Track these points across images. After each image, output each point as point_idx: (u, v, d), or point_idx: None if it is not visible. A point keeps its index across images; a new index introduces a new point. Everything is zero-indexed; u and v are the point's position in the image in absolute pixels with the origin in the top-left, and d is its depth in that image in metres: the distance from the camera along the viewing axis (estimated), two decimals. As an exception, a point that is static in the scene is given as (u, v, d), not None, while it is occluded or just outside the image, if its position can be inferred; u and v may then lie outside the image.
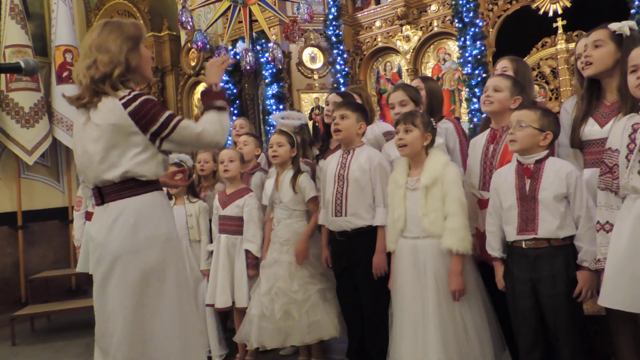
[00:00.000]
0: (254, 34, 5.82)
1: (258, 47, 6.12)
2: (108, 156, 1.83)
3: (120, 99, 1.82)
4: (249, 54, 5.45)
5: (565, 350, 2.01)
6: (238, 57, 5.92)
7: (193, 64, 6.74)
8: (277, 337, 2.86)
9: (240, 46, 5.96)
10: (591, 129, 2.18)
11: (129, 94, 1.84)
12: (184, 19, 5.27)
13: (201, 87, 7.47)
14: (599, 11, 4.22)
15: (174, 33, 6.92)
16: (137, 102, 1.82)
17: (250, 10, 5.48)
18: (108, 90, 1.83)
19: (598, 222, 1.93)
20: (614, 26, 2.15)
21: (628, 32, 2.12)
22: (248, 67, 5.53)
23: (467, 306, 2.30)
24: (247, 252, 3.23)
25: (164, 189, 2.11)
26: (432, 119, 2.48)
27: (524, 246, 2.09)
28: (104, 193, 1.88)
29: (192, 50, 6.58)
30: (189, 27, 5.43)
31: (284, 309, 2.85)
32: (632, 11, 4.93)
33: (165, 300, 1.84)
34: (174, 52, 6.96)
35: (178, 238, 2.02)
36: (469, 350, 2.25)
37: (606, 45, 2.14)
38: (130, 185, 1.86)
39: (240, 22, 5.83)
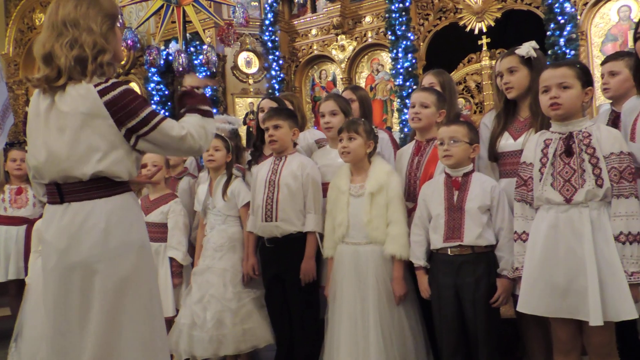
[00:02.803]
0: (187, 35, 5.69)
1: (192, 49, 5.99)
2: (76, 150, 1.59)
3: (96, 86, 1.59)
4: (182, 55, 5.32)
5: (483, 351, 2.11)
6: (170, 57, 5.76)
7: (122, 62, 6.48)
8: (209, 347, 2.77)
9: (173, 47, 5.80)
10: (506, 142, 2.32)
11: (106, 81, 1.61)
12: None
13: (133, 85, 7.21)
14: (520, 31, 4.51)
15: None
16: (116, 92, 1.59)
17: (184, 11, 5.35)
18: (86, 74, 1.59)
19: (515, 232, 2.04)
20: (521, 52, 2.29)
21: (534, 54, 2.27)
22: (181, 69, 5.39)
23: (405, 310, 2.36)
24: (172, 259, 3.13)
25: None
26: (374, 127, 2.53)
27: (449, 253, 2.18)
28: (65, 191, 1.63)
29: (122, 48, 6.33)
30: (118, 24, 5.22)
31: (216, 317, 2.78)
32: (548, 33, 5.31)
33: (136, 314, 1.63)
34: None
35: (149, 244, 1.82)
36: (407, 354, 2.31)
37: (520, 70, 2.28)
38: (100, 185, 1.63)
39: (174, 22, 5.69)
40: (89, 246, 1.59)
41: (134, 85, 7.10)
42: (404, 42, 5.98)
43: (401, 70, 5.97)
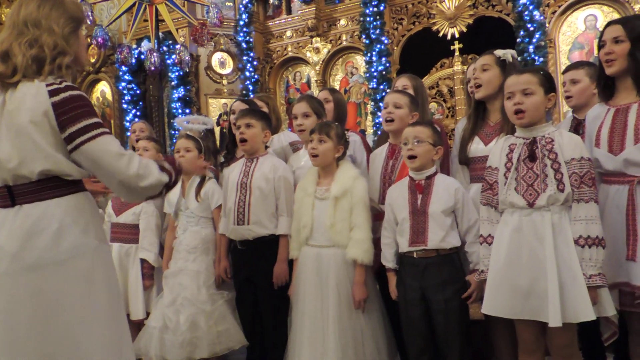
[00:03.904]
0: (160, 34, 5.62)
1: (165, 48, 5.91)
2: (22, 149, 1.54)
3: (48, 85, 1.55)
4: (154, 54, 5.25)
5: (453, 352, 2.14)
6: (142, 56, 5.68)
7: (93, 60, 6.36)
8: (182, 350, 2.73)
9: (145, 46, 5.73)
10: (477, 147, 2.36)
11: (60, 82, 1.57)
12: (89, 13, 4.95)
13: (102, 85, 7.07)
14: (491, 37, 4.60)
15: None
16: (66, 94, 1.55)
17: (156, 10, 5.29)
18: (42, 74, 1.56)
19: (481, 235, 2.08)
20: (499, 52, 2.35)
21: (510, 59, 2.33)
22: (153, 68, 5.32)
23: (366, 314, 2.37)
24: (143, 261, 3.09)
25: None
26: (345, 132, 2.54)
27: (415, 256, 2.20)
28: (16, 193, 1.56)
29: (92, 46, 6.21)
30: (88, 22, 5.12)
31: (190, 320, 2.75)
32: (518, 40, 5.43)
33: (94, 318, 1.58)
34: (71, 47, 6.51)
35: (108, 245, 1.77)
36: (366, 357, 2.32)
37: (492, 69, 2.33)
38: (51, 185, 1.57)
39: (146, 20, 5.61)
40: (41, 249, 1.54)
41: (104, 84, 6.97)
42: (378, 46, 6.03)
43: (375, 74, 6.02)
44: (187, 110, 5.91)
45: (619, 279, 1.93)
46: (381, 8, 6.13)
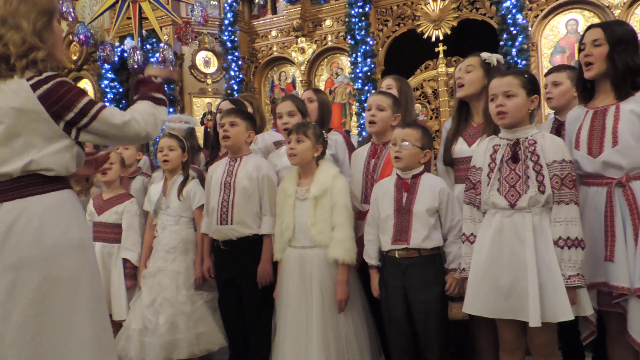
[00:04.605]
0: (143, 32, 5.56)
1: (148, 46, 5.86)
2: (7, 146, 1.52)
3: (28, 80, 1.53)
4: (138, 52, 5.20)
5: (433, 353, 2.15)
6: (125, 54, 5.61)
7: (75, 57, 6.27)
8: (162, 352, 2.71)
9: (128, 43, 5.67)
10: (461, 148, 2.38)
11: (40, 74, 1.55)
12: (64, 9, 4.89)
13: (84, 83, 6.98)
14: (474, 40, 4.66)
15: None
16: (49, 85, 1.53)
17: (140, 7, 5.23)
18: (15, 70, 1.53)
19: (463, 233, 2.09)
20: (484, 55, 2.38)
21: (495, 63, 2.36)
22: (136, 66, 5.26)
23: (349, 314, 2.37)
24: (125, 261, 3.05)
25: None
26: (323, 131, 2.54)
27: (397, 256, 2.21)
28: None
29: (74, 43, 6.13)
30: (70, 18, 5.05)
31: (170, 321, 2.72)
32: (501, 43, 5.49)
33: (77, 318, 1.54)
34: (52, 44, 6.41)
35: (92, 244, 1.75)
36: (349, 357, 2.32)
37: (476, 70, 2.36)
38: (32, 182, 1.55)
39: (129, 18, 5.55)
40: (21, 247, 1.52)
41: (87, 82, 6.87)
42: (363, 47, 6.05)
43: (360, 75, 6.04)
44: (171, 109, 5.85)
45: (597, 279, 1.96)
46: (366, 9, 6.15)
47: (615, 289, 1.92)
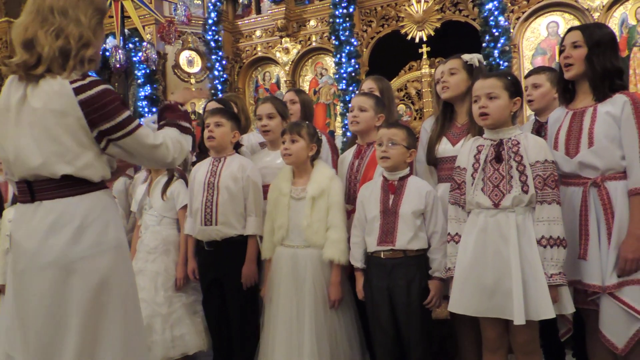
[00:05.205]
0: (126, 30, 5.50)
1: (130, 45, 5.79)
2: (45, 149, 1.51)
3: (72, 82, 1.50)
4: (120, 51, 5.14)
5: (415, 352, 2.16)
6: (107, 53, 5.54)
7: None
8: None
9: (110, 42, 5.60)
10: (445, 147, 2.40)
11: (84, 78, 1.53)
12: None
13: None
14: (457, 41, 4.69)
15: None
16: (93, 91, 1.51)
17: (122, 6, 5.18)
18: (66, 69, 1.51)
19: (449, 233, 2.11)
20: (466, 57, 2.40)
21: (477, 64, 2.38)
22: (118, 66, 5.20)
23: (340, 314, 2.38)
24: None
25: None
26: (318, 131, 2.54)
27: (382, 256, 2.22)
28: (36, 189, 1.55)
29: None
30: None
31: (146, 322, 2.69)
32: (484, 44, 5.55)
33: (114, 317, 1.56)
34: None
35: (127, 245, 1.73)
36: (340, 356, 2.33)
37: (459, 73, 2.38)
38: (73, 183, 1.55)
39: (112, 17, 5.49)
40: (60, 246, 1.51)
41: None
42: (348, 48, 6.07)
43: (344, 75, 6.06)
44: (154, 109, 5.80)
45: (573, 277, 2.00)
46: (351, 10, 6.16)
47: (588, 287, 1.96)
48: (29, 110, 1.53)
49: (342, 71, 6.06)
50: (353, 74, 6.04)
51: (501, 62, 5.47)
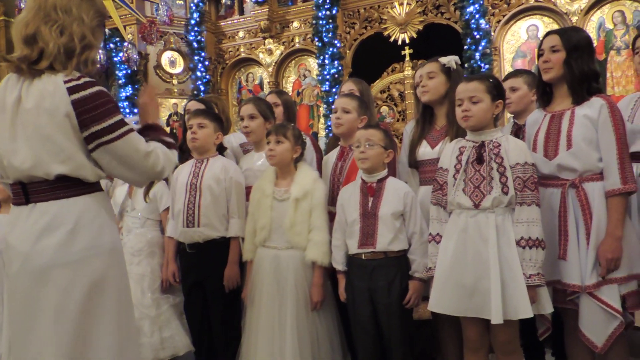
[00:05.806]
0: (107, 30, 5.43)
1: (111, 45, 5.73)
2: (38, 149, 1.49)
3: (66, 82, 1.48)
4: (100, 51, 5.07)
5: (397, 352, 2.17)
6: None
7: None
8: (125, 356, 2.65)
9: (91, 42, 5.52)
10: (424, 150, 2.42)
11: (78, 78, 1.50)
12: (23, 5, 4.72)
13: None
14: (439, 44, 4.73)
15: (11, 20, 6.17)
16: (87, 92, 1.49)
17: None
18: (68, 67, 1.49)
19: (430, 233, 2.13)
20: (443, 60, 2.42)
21: (454, 66, 2.41)
22: (99, 66, 5.13)
23: (322, 315, 2.39)
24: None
25: None
26: (302, 133, 2.54)
27: (363, 257, 2.23)
28: (31, 191, 1.53)
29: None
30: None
31: None
32: (465, 47, 5.61)
33: (107, 320, 1.54)
34: (10, 41, 6.20)
35: (121, 248, 1.71)
36: (322, 357, 2.33)
37: (438, 76, 2.40)
38: (68, 184, 1.53)
39: (92, 16, 5.41)
40: (53, 249, 1.49)
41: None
42: (331, 49, 6.08)
43: (327, 77, 6.06)
44: (135, 110, 5.74)
45: (553, 277, 2.03)
46: (334, 12, 6.18)
47: (568, 287, 2.00)
48: (22, 111, 1.51)
49: (325, 73, 6.06)
50: (336, 76, 6.06)
51: (482, 65, 5.53)
